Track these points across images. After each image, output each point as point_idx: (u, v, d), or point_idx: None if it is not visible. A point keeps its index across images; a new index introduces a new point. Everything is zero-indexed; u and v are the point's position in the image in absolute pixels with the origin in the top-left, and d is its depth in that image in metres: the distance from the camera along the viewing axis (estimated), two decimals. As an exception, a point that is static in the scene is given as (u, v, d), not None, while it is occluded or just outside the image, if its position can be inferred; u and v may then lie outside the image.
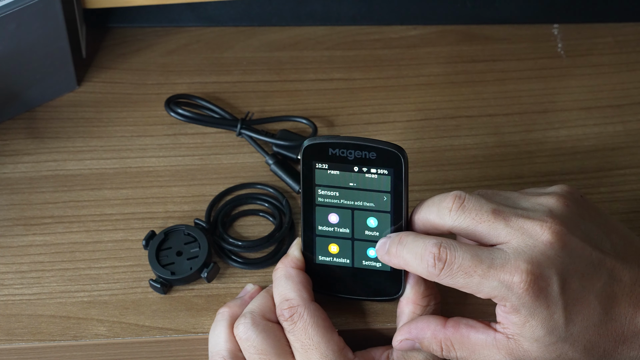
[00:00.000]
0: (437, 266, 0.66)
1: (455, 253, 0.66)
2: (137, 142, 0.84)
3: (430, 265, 0.66)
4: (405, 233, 0.69)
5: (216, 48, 0.91)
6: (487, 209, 0.67)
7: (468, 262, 0.65)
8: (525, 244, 0.65)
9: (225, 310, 0.73)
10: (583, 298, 0.66)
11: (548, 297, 0.65)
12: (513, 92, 0.88)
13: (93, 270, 0.77)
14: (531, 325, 0.65)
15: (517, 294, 0.64)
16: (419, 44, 0.92)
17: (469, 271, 0.65)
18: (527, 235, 0.66)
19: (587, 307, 0.66)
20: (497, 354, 0.66)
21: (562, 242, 0.66)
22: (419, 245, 0.67)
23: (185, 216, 0.80)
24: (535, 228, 0.66)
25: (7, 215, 0.80)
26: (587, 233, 0.67)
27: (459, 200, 0.67)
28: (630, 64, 0.90)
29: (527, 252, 0.65)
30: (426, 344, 0.68)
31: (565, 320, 0.65)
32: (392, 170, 0.69)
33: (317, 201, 0.71)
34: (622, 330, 0.66)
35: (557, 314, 0.65)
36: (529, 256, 0.65)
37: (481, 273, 0.65)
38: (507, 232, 0.66)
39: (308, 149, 0.70)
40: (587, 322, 0.66)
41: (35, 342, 0.74)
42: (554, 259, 0.65)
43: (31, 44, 0.82)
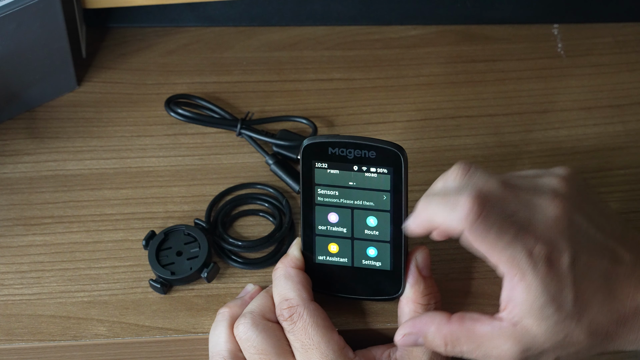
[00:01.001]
0: (474, 212, 0.64)
1: (493, 209, 0.64)
2: (137, 142, 0.85)
3: (466, 211, 0.64)
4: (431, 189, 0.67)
5: (216, 48, 0.91)
6: (496, 179, 0.66)
7: (501, 220, 0.64)
8: (535, 217, 0.65)
9: (226, 310, 0.73)
10: (589, 276, 0.65)
11: (559, 270, 0.64)
12: (513, 92, 0.88)
13: (93, 270, 0.77)
14: (540, 301, 0.64)
15: (536, 264, 0.64)
16: (419, 44, 0.92)
17: (502, 229, 0.64)
18: (536, 210, 0.65)
19: (592, 285, 0.65)
20: (505, 343, 0.66)
21: (569, 219, 0.66)
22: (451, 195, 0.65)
23: (185, 216, 0.80)
24: (543, 203, 0.66)
25: (7, 215, 0.80)
26: (590, 214, 0.67)
27: (465, 168, 0.66)
28: (630, 64, 0.90)
29: (539, 225, 0.65)
30: (430, 339, 0.68)
31: (573, 296, 0.65)
32: (392, 169, 0.69)
33: (317, 200, 0.71)
34: (624, 311, 0.66)
35: (566, 289, 0.65)
36: (542, 229, 0.65)
37: (513, 233, 0.64)
38: (516, 204, 0.65)
39: (307, 149, 0.70)
40: (592, 301, 0.65)
41: (35, 342, 0.74)
42: (563, 234, 0.65)
43: (31, 44, 0.82)
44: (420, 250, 0.72)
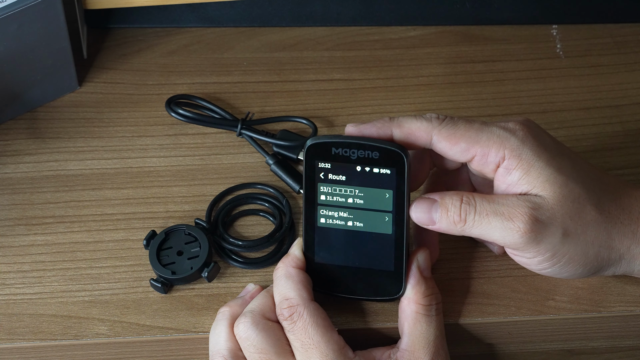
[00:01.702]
0: (440, 117, 0.69)
1: (455, 117, 0.69)
2: (138, 142, 0.85)
3: (433, 118, 0.69)
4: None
5: (217, 49, 0.92)
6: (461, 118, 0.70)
7: (465, 120, 0.69)
8: (506, 135, 0.68)
9: (226, 309, 0.73)
10: (572, 156, 0.70)
11: (544, 141, 0.69)
12: (512, 92, 0.88)
13: (94, 270, 0.77)
14: (538, 167, 0.67)
15: (518, 135, 0.68)
16: (418, 44, 0.92)
17: (469, 121, 0.68)
18: (504, 129, 0.69)
19: (579, 161, 0.70)
20: (520, 202, 0.68)
21: (537, 128, 0.70)
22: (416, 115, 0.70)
23: (186, 216, 0.80)
24: (508, 125, 0.69)
25: (9, 215, 0.80)
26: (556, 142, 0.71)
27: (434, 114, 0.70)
28: (629, 65, 0.90)
29: (513, 129, 0.69)
30: (447, 200, 0.69)
31: (570, 162, 0.69)
32: (395, 169, 0.69)
33: (319, 200, 0.71)
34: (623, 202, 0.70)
35: (558, 157, 0.68)
36: (518, 122, 0.69)
37: (480, 123, 0.69)
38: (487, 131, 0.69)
39: (311, 148, 0.70)
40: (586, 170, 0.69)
41: (37, 341, 0.74)
42: (538, 133, 0.69)
43: (32, 45, 0.82)
44: (421, 251, 0.72)
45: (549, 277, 0.75)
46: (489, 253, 0.78)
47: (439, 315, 0.71)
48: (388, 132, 0.69)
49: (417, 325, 0.70)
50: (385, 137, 0.69)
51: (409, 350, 0.70)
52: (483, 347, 0.78)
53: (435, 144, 0.69)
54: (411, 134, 0.69)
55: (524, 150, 0.68)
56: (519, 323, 0.75)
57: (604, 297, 0.75)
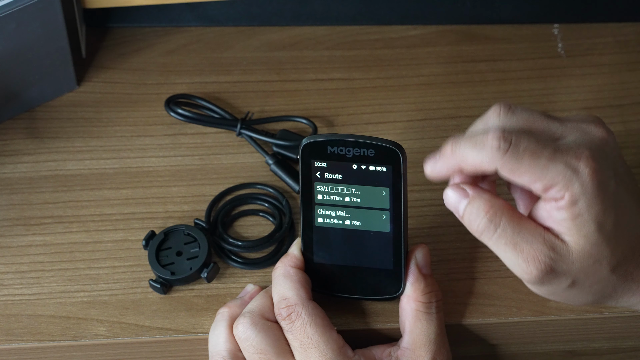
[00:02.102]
0: (502, 147, 0.63)
1: (521, 136, 0.63)
2: (136, 142, 0.84)
3: (494, 147, 0.63)
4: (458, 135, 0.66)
5: (216, 48, 0.91)
6: (538, 113, 0.66)
7: (534, 144, 0.63)
8: (582, 138, 0.65)
9: (225, 310, 0.73)
10: (625, 204, 0.65)
11: (605, 190, 0.64)
12: (513, 92, 0.88)
13: (93, 271, 0.77)
14: (583, 219, 0.64)
15: (582, 179, 0.63)
16: (419, 43, 0.92)
17: (536, 152, 0.63)
18: (583, 132, 0.65)
19: (627, 214, 0.65)
20: (543, 244, 0.64)
21: (613, 143, 0.66)
22: (477, 136, 0.65)
23: (185, 216, 0.80)
24: (589, 126, 0.65)
25: (7, 216, 0.80)
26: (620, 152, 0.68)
27: (506, 105, 0.66)
28: (631, 64, 0.90)
29: (586, 144, 0.64)
30: (476, 203, 0.66)
31: (614, 220, 0.64)
32: (391, 167, 0.69)
33: (316, 199, 0.71)
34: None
35: (608, 211, 0.64)
36: (589, 147, 0.64)
37: (548, 155, 0.63)
38: (563, 129, 0.65)
39: (307, 147, 0.69)
40: (626, 229, 0.65)
41: (35, 342, 0.74)
42: (609, 156, 0.65)
43: (31, 44, 0.82)
44: (420, 249, 0.72)
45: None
46: (491, 253, 0.77)
47: (439, 312, 0.71)
48: (456, 168, 0.66)
49: (417, 323, 0.70)
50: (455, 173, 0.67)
51: (410, 349, 0.70)
52: (484, 347, 0.78)
53: (498, 172, 0.65)
54: (476, 168, 0.65)
55: (581, 199, 0.63)
56: (520, 324, 0.75)
57: (606, 297, 0.75)
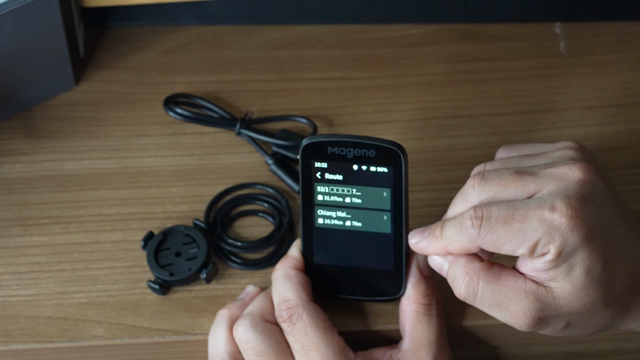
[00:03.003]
0: (474, 224, 0.64)
1: (491, 208, 0.64)
2: (135, 142, 0.84)
3: (469, 227, 0.65)
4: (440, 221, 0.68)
5: (215, 47, 0.91)
6: (509, 172, 0.66)
7: (504, 212, 0.64)
8: (558, 187, 0.64)
9: (225, 311, 0.72)
10: (615, 241, 0.65)
11: (589, 234, 0.63)
12: (515, 91, 0.88)
13: (91, 271, 0.77)
14: (569, 265, 0.64)
15: (561, 230, 0.63)
16: (419, 42, 0.91)
17: (507, 219, 0.64)
18: (558, 179, 0.65)
19: (618, 250, 0.65)
20: (525, 298, 0.65)
21: (592, 181, 0.65)
22: (456, 218, 0.66)
23: (184, 216, 0.80)
24: (564, 171, 0.65)
25: (4, 216, 0.80)
26: (606, 180, 0.67)
27: (479, 175, 0.66)
28: (633, 63, 0.90)
29: (562, 192, 0.64)
30: (453, 270, 0.67)
31: (603, 261, 0.64)
32: (392, 168, 0.68)
33: (317, 200, 0.71)
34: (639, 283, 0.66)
35: (595, 253, 0.64)
36: (565, 195, 0.64)
37: (520, 218, 0.64)
38: (537, 183, 0.65)
39: (307, 148, 0.69)
40: (618, 267, 0.65)
41: (33, 343, 0.74)
42: (589, 196, 0.64)
43: (28, 43, 0.81)
44: (421, 251, 0.72)
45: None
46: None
47: (440, 314, 0.71)
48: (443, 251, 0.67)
49: (418, 325, 0.70)
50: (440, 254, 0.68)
51: (411, 351, 0.70)
52: (486, 349, 0.78)
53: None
54: (462, 250, 0.66)
55: (565, 248, 0.63)
56: (522, 325, 0.75)
57: (609, 298, 0.75)
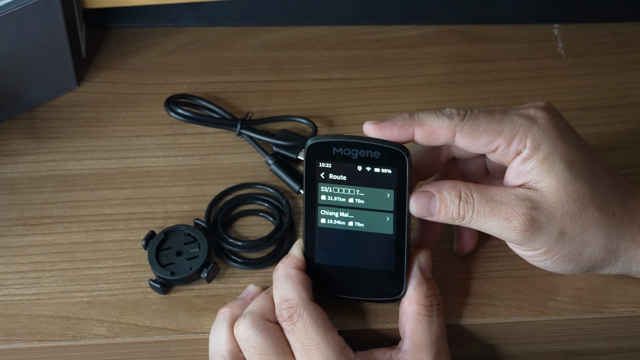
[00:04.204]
0: (460, 113, 0.68)
1: (474, 109, 0.68)
2: (136, 142, 0.84)
3: (454, 113, 0.68)
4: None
5: (216, 48, 0.91)
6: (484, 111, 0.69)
7: (485, 112, 0.68)
8: (527, 123, 0.68)
9: (226, 310, 0.72)
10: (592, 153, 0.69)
11: (567, 134, 0.68)
12: (513, 92, 0.88)
13: (93, 271, 0.77)
14: (551, 161, 0.67)
15: (541, 124, 0.67)
16: (419, 43, 0.92)
17: (489, 112, 0.68)
18: (526, 117, 0.68)
19: (595, 157, 0.69)
20: (516, 199, 0.67)
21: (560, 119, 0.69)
22: (434, 110, 0.69)
23: (185, 216, 0.80)
24: (529, 111, 0.69)
25: (7, 216, 0.80)
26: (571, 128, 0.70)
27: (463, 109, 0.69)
28: (631, 64, 0.90)
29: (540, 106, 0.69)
30: (445, 193, 0.68)
31: (584, 158, 0.67)
32: (396, 169, 0.69)
33: (320, 200, 0.71)
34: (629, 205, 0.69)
35: (575, 150, 0.67)
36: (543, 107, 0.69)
37: (500, 114, 0.68)
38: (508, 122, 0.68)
39: (312, 148, 0.69)
40: (599, 168, 0.68)
41: (35, 342, 0.74)
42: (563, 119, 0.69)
43: (31, 44, 0.81)
44: (423, 252, 0.72)
45: (550, 278, 0.75)
46: (490, 253, 0.77)
47: (440, 316, 0.71)
48: (410, 131, 0.68)
49: (418, 326, 0.70)
50: (407, 137, 0.68)
51: (411, 352, 0.70)
52: (484, 348, 0.78)
53: (458, 141, 0.68)
54: (433, 132, 0.68)
55: (543, 140, 0.67)
56: (520, 324, 0.75)
57: (606, 298, 0.75)
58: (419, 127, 0.68)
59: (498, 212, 0.67)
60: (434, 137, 0.68)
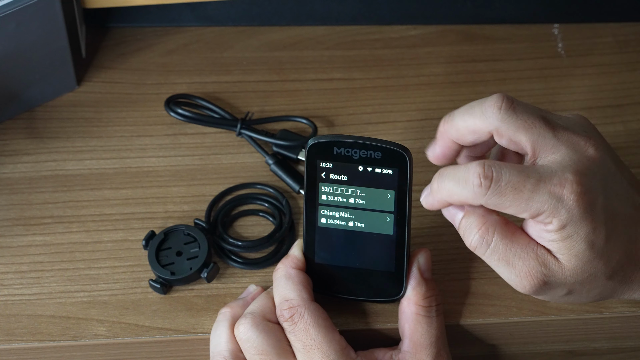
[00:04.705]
0: (484, 185, 0.64)
1: (502, 170, 0.64)
2: (136, 142, 0.84)
3: (476, 185, 0.64)
4: (444, 167, 0.67)
5: (216, 48, 0.91)
6: (538, 115, 0.66)
7: (516, 177, 0.64)
8: (570, 157, 0.65)
9: (227, 310, 0.72)
10: (618, 217, 0.65)
11: (593, 211, 0.64)
12: (513, 92, 0.88)
13: (93, 271, 0.77)
14: (573, 241, 0.64)
15: (568, 206, 0.63)
16: (419, 43, 0.92)
17: (518, 186, 0.63)
18: (573, 149, 0.65)
19: (619, 228, 0.66)
20: (535, 260, 0.65)
21: (602, 159, 0.65)
22: (460, 170, 0.65)
23: (185, 216, 0.80)
24: (580, 142, 0.65)
25: (7, 216, 0.80)
26: (614, 158, 0.67)
27: (509, 100, 0.65)
28: (631, 64, 0.90)
29: (573, 165, 0.64)
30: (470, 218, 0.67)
31: (605, 236, 0.65)
32: (397, 170, 0.69)
33: (321, 200, 0.71)
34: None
35: (598, 229, 0.64)
36: (575, 169, 0.64)
37: (530, 187, 0.63)
38: (554, 142, 0.65)
39: (313, 148, 0.69)
40: (620, 241, 0.66)
41: (35, 342, 0.74)
42: (597, 174, 0.65)
43: (31, 44, 0.81)
44: (422, 252, 0.72)
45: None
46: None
47: (439, 316, 0.71)
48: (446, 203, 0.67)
49: (417, 326, 0.70)
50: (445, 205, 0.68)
51: (411, 352, 0.70)
52: (484, 348, 0.78)
53: None
54: (462, 203, 0.66)
55: (569, 224, 0.64)
56: (520, 324, 0.75)
57: (606, 297, 0.75)
58: (450, 200, 0.67)
59: (513, 266, 0.66)
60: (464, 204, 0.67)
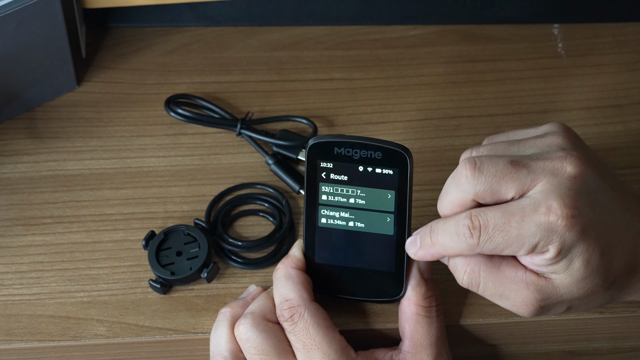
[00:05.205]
0: (474, 235, 0.65)
1: (486, 216, 0.65)
2: (136, 142, 0.84)
3: (467, 237, 0.65)
4: (433, 221, 0.68)
5: (216, 48, 0.91)
6: (504, 163, 0.66)
7: (500, 219, 0.64)
8: (551, 183, 0.65)
9: (227, 310, 0.73)
10: (609, 230, 0.65)
11: (585, 230, 0.64)
12: (513, 92, 0.88)
13: (93, 271, 0.77)
14: (568, 260, 0.64)
15: (559, 232, 0.63)
16: (419, 43, 0.92)
17: (504, 227, 0.64)
18: (551, 174, 0.65)
19: (612, 238, 0.65)
20: (526, 289, 0.66)
21: (584, 174, 0.65)
22: (450, 224, 0.66)
23: (185, 216, 0.80)
24: (555, 165, 0.65)
25: (7, 216, 0.80)
26: (597, 167, 0.67)
27: (471, 164, 0.66)
28: (631, 64, 0.90)
29: (555, 190, 0.64)
30: (454, 261, 0.67)
31: (600, 252, 0.65)
32: (398, 170, 0.69)
33: (321, 200, 0.71)
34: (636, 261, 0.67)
35: (592, 246, 0.64)
36: (558, 193, 0.64)
37: (516, 224, 0.64)
38: (532, 177, 0.65)
39: (313, 148, 0.69)
40: (614, 253, 0.65)
41: (35, 342, 0.74)
42: (581, 192, 0.65)
43: (31, 44, 0.81)
44: (422, 253, 0.72)
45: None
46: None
47: (439, 316, 0.71)
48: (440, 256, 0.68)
49: (418, 327, 0.70)
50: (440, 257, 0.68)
51: (411, 352, 0.70)
52: (484, 348, 0.78)
53: None
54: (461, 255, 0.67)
55: (563, 245, 0.64)
56: (520, 324, 0.75)
57: (606, 297, 0.75)
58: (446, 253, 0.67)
59: (507, 298, 0.66)
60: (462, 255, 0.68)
